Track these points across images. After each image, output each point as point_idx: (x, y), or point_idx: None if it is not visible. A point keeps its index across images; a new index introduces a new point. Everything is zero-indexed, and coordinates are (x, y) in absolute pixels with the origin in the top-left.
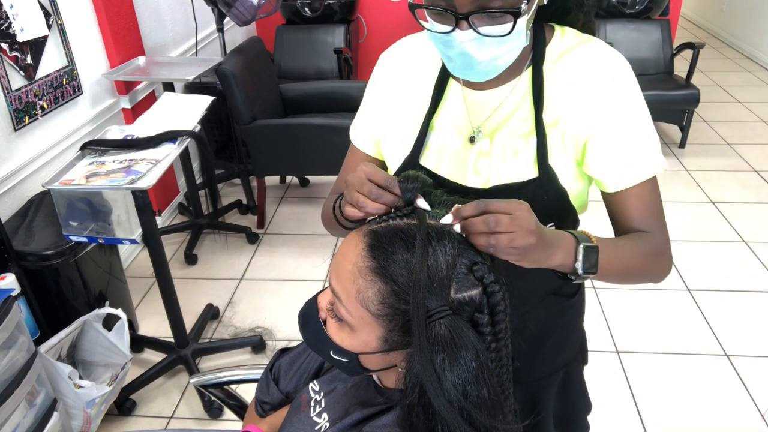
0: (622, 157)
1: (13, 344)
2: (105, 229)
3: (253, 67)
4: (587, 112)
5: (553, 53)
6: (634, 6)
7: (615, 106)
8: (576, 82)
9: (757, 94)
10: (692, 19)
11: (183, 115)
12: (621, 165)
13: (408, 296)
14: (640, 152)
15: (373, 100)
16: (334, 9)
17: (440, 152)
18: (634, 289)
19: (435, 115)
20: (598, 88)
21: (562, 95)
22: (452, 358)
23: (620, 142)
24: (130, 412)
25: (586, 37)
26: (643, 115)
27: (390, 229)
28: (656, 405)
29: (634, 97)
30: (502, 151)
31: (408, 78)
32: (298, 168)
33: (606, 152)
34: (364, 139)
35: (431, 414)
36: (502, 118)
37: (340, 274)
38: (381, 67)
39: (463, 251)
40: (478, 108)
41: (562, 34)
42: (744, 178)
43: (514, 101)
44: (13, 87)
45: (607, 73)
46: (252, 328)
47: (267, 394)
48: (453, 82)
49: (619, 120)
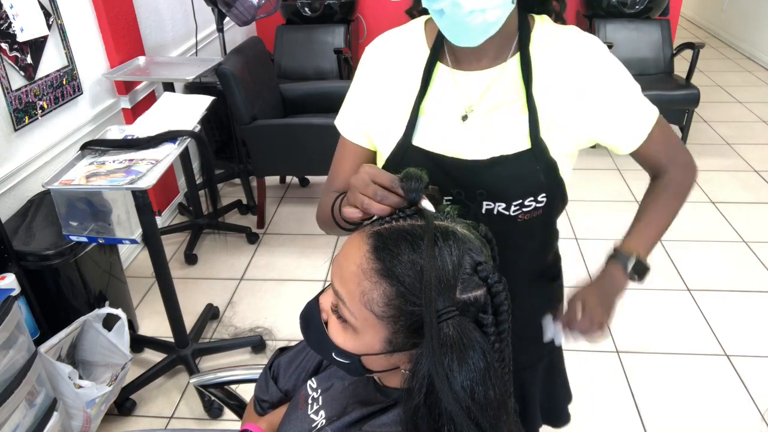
0: (627, 120)
1: (13, 344)
2: (105, 229)
3: (253, 67)
4: (586, 92)
5: (537, 37)
6: (634, 6)
7: (606, 79)
8: (566, 64)
9: (757, 94)
10: (692, 19)
11: (183, 115)
12: (629, 126)
13: (414, 297)
14: (638, 108)
15: (361, 91)
16: (334, 9)
17: (433, 132)
18: (634, 289)
19: (424, 99)
20: (591, 70)
21: (553, 76)
22: (461, 359)
23: (621, 108)
24: (130, 412)
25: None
26: (630, 80)
27: (394, 230)
28: (656, 405)
29: (617, 67)
30: (495, 126)
31: (395, 66)
32: (298, 168)
33: (613, 121)
34: (354, 129)
35: (437, 415)
36: (494, 97)
37: (344, 276)
38: (366, 59)
39: (467, 251)
40: (467, 89)
41: (542, 21)
42: (744, 178)
43: (504, 81)
44: (13, 87)
45: (591, 52)
46: (252, 328)
47: (266, 393)
48: (441, 65)
49: (614, 90)
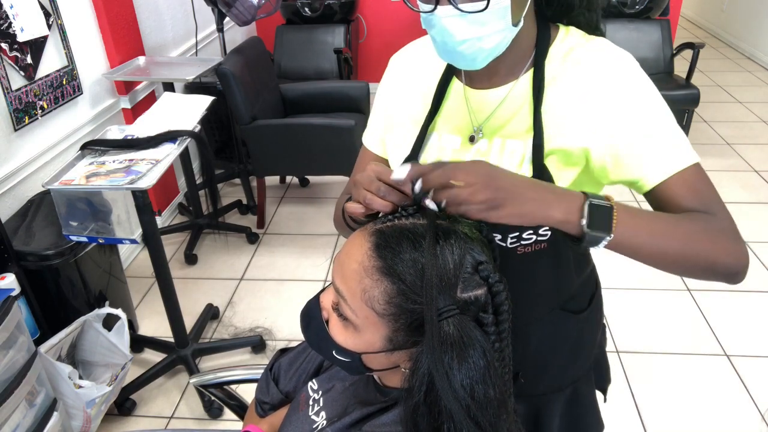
0: (656, 152)
1: (13, 344)
2: (105, 229)
3: (253, 67)
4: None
5: (556, 52)
6: (634, 6)
7: (635, 105)
8: (583, 81)
9: (757, 94)
10: (692, 19)
11: (183, 115)
12: (655, 159)
13: (415, 295)
14: (670, 144)
15: (381, 102)
16: (334, 9)
17: (440, 151)
18: (634, 289)
19: (438, 115)
20: (611, 89)
21: (567, 94)
22: (461, 358)
23: (650, 139)
24: (130, 412)
25: (592, 36)
26: (664, 110)
27: (396, 228)
28: (656, 405)
29: (651, 95)
30: (499, 149)
31: (413, 79)
32: (298, 168)
33: (637, 151)
34: (373, 139)
35: (437, 413)
36: (502, 116)
37: (345, 274)
38: (389, 71)
39: (469, 250)
40: (479, 107)
41: (566, 33)
42: (744, 178)
43: (515, 100)
44: (13, 87)
45: (617, 72)
46: (252, 328)
47: (267, 394)
48: (456, 81)
49: (642, 119)
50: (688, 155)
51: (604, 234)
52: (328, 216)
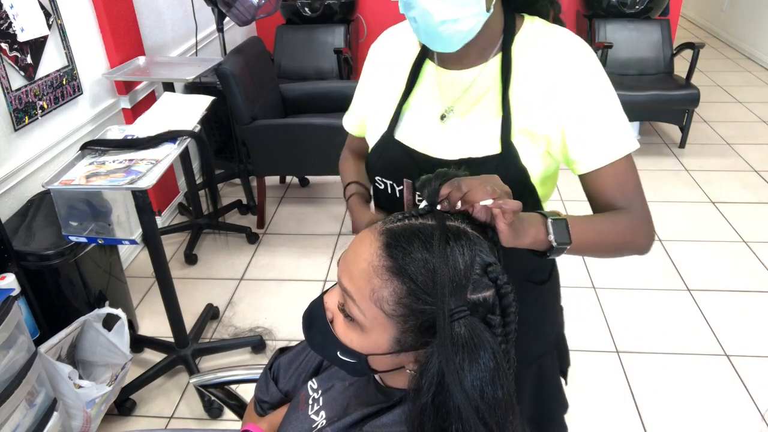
0: (593, 140)
1: (13, 344)
2: (105, 230)
3: (253, 67)
4: (559, 99)
5: (522, 38)
6: (634, 6)
7: (585, 92)
8: (545, 67)
9: (757, 94)
10: (692, 19)
11: (183, 115)
12: (592, 147)
13: (426, 296)
14: (609, 133)
15: (362, 86)
16: (334, 9)
17: (414, 128)
18: (634, 289)
19: (411, 95)
20: (568, 76)
21: (532, 79)
22: (471, 359)
23: (591, 126)
24: (130, 412)
25: (554, 26)
26: (611, 99)
27: (406, 228)
28: (656, 405)
29: (602, 83)
30: (469, 127)
31: (389, 61)
32: (298, 168)
33: (579, 136)
34: (352, 122)
35: (445, 414)
36: (472, 97)
37: (353, 273)
38: (369, 57)
39: (478, 252)
40: (450, 87)
41: (531, 22)
42: (744, 178)
43: (485, 81)
44: (13, 87)
45: (575, 60)
46: (252, 328)
47: (266, 393)
48: (429, 63)
49: (589, 105)
50: (624, 145)
51: (567, 243)
52: (328, 216)
